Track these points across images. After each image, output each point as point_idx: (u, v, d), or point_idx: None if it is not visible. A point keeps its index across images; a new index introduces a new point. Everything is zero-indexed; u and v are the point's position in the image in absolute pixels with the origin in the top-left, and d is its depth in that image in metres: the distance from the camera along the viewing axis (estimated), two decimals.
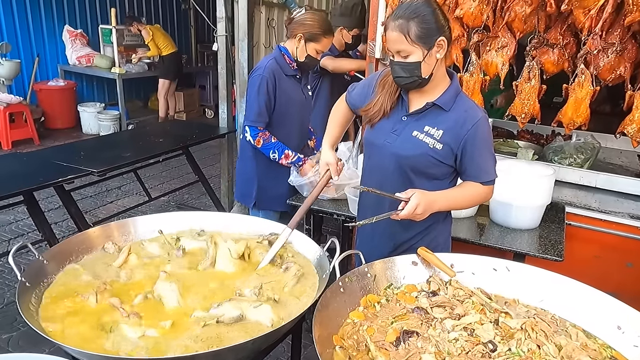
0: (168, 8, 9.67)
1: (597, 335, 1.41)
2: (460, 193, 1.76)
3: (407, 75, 1.63)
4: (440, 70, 1.67)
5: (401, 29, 1.57)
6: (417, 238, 1.84)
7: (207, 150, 6.34)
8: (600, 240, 2.57)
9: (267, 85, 2.55)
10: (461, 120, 1.67)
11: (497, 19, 2.50)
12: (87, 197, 5.05)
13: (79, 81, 8.11)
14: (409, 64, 1.61)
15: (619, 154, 3.51)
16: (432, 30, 1.57)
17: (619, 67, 2.34)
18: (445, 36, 1.60)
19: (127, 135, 5.75)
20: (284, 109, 2.65)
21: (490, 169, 1.73)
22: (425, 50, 1.58)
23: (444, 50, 1.61)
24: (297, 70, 2.71)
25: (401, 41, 1.58)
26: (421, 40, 1.57)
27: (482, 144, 1.69)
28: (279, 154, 2.64)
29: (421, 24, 1.56)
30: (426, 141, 1.70)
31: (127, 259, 1.68)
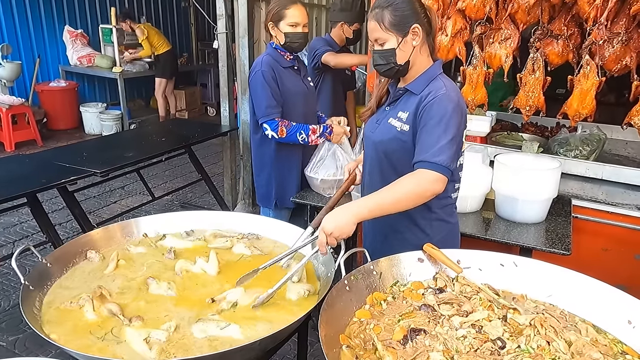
0: (168, 6, 9.64)
1: (608, 330, 1.39)
2: (387, 189, 1.55)
3: (384, 63, 1.67)
4: (419, 58, 1.67)
5: (376, 17, 1.63)
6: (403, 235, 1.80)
7: (209, 148, 6.33)
8: (607, 233, 2.55)
9: (268, 78, 2.56)
10: (424, 97, 1.63)
11: (500, 10, 2.47)
12: (90, 198, 5.05)
13: (81, 81, 8.11)
14: (385, 52, 1.65)
15: (625, 145, 3.47)
16: (405, 17, 1.61)
17: (624, 57, 2.31)
18: (421, 23, 1.62)
19: (130, 135, 5.74)
20: (288, 100, 2.65)
21: (435, 149, 1.53)
22: (399, 37, 1.62)
23: (419, 38, 1.63)
24: (293, 61, 2.69)
25: (377, 29, 1.64)
26: (395, 27, 1.61)
27: (434, 120, 1.57)
28: (305, 132, 2.59)
29: (394, 11, 1.61)
30: (396, 125, 1.70)
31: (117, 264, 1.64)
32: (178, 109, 8.46)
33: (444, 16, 2.57)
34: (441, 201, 1.75)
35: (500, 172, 2.35)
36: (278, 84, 2.60)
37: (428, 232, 1.78)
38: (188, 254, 1.75)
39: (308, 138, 2.60)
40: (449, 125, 1.56)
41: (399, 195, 1.53)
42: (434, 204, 1.72)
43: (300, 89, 2.71)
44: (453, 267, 1.58)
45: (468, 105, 2.71)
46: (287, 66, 2.65)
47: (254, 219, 1.99)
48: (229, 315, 1.41)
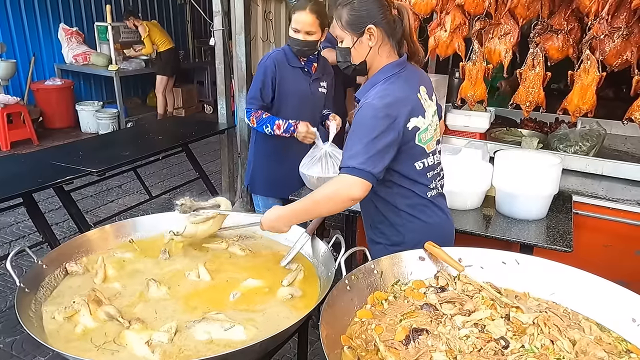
0: (164, 3, 9.59)
1: (611, 328, 1.38)
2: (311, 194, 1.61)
3: (342, 60, 1.67)
4: (377, 59, 1.63)
5: (336, 15, 1.64)
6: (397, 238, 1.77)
7: (206, 146, 6.29)
8: (608, 229, 2.53)
9: (266, 72, 2.61)
10: None
11: (499, 5, 2.45)
12: (87, 197, 5.01)
13: (76, 80, 8.06)
14: (343, 50, 1.66)
15: (625, 140, 3.46)
16: (361, 17, 1.59)
17: (625, 52, 2.29)
18: (378, 24, 1.58)
19: (126, 133, 5.71)
20: (284, 98, 2.66)
21: (351, 153, 1.52)
22: (354, 37, 1.61)
23: (375, 39, 1.59)
24: (309, 63, 2.70)
25: (335, 27, 1.66)
26: (350, 26, 1.61)
27: (352, 129, 1.57)
28: (270, 126, 2.62)
29: (351, 10, 1.60)
30: None
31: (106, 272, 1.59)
32: (175, 106, 8.42)
33: (443, 12, 2.54)
34: (408, 200, 1.72)
35: (500, 168, 2.33)
36: (276, 80, 2.62)
37: (400, 230, 1.76)
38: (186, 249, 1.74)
39: (272, 131, 2.62)
40: (365, 130, 1.53)
41: (317, 199, 1.57)
42: (399, 203, 1.72)
43: (302, 92, 2.69)
44: (454, 265, 1.57)
45: (467, 101, 2.69)
46: (296, 66, 2.65)
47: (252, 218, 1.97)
48: None
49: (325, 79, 2.80)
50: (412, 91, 1.64)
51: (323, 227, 3.98)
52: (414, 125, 1.61)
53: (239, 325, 1.33)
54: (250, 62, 4.39)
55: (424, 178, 1.71)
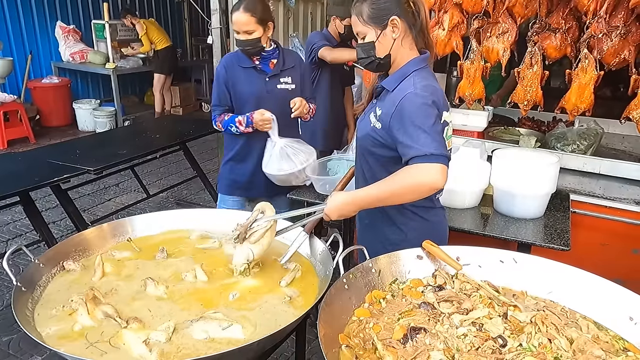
0: (161, 2, 9.57)
1: (609, 326, 1.38)
2: (385, 181, 1.55)
3: (365, 56, 1.66)
4: (401, 51, 1.64)
5: (356, 11, 1.64)
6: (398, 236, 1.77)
7: (204, 144, 6.28)
8: (605, 228, 2.54)
9: (218, 77, 2.64)
10: (394, 97, 1.62)
11: (498, 4, 2.45)
12: (84, 195, 5.00)
13: (73, 78, 8.03)
14: (366, 45, 1.64)
15: (622, 139, 3.47)
16: (383, 9, 1.59)
17: (623, 51, 2.30)
18: (401, 15, 1.59)
19: (124, 131, 5.70)
20: (240, 99, 2.65)
21: (415, 144, 1.49)
22: (378, 30, 1.61)
23: (399, 30, 1.60)
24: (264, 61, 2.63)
25: (357, 23, 1.64)
26: (373, 20, 1.61)
27: (407, 120, 1.54)
28: (234, 124, 2.60)
29: (372, 4, 1.60)
30: (371, 120, 1.70)
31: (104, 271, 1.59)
32: (172, 105, 8.40)
33: (441, 10, 2.54)
34: None
35: (498, 167, 2.33)
36: (229, 84, 2.62)
37: (402, 229, 1.77)
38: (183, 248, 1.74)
39: (237, 129, 2.61)
40: (420, 119, 1.52)
41: (396, 189, 1.52)
42: None
43: (258, 91, 2.63)
44: (452, 264, 1.57)
45: (465, 99, 2.69)
46: (248, 67, 2.61)
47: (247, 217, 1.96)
48: None
49: (289, 74, 2.68)
50: (439, 86, 1.66)
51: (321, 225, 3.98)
52: (444, 120, 1.61)
53: (237, 324, 1.33)
54: None
55: None
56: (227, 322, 1.31)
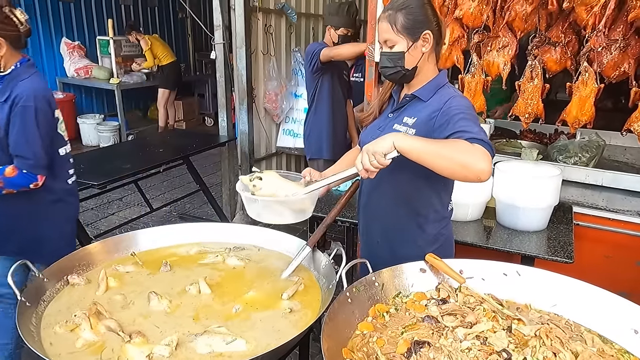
0: (165, 17, 9.69)
1: (614, 340, 1.37)
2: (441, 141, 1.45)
3: (392, 65, 1.65)
4: (426, 65, 1.67)
5: (389, 19, 1.62)
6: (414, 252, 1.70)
7: (207, 158, 6.31)
8: (609, 240, 2.54)
9: None
10: (434, 103, 1.61)
11: (497, 18, 2.47)
12: (88, 210, 5.02)
13: (78, 93, 8.11)
14: (394, 54, 1.63)
15: (624, 151, 3.47)
16: (418, 22, 1.60)
17: (622, 64, 2.31)
18: (432, 30, 1.61)
19: (128, 146, 5.72)
20: None
21: (472, 130, 1.43)
22: (410, 41, 1.61)
23: (429, 45, 1.62)
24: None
25: (388, 31, 1.62)
26: (407, 31, 1.60)
27: (458, 114, 1.50)
28: None
29: (408, 15, 1.60)
30: (400, 129, 1.67)
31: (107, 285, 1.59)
32: (176, 119, 8.47)
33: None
34: (439, 214, 1.76)
35: (501, 179, 2.34)
36: None
37: (420, 244, 1.75)
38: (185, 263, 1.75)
39: None
40: (471, 114, 1.51)
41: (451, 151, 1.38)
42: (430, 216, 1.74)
43: None
44: (456, 277, 1.57)
45: None
46: None
47: (253, 230, 1.97)
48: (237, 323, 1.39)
49: None
50: None
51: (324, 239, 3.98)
52: None
53: (241, 338, 1.32)
54: (251, 75, 4.44)
55: (451, 187, 1.78)
56: (230, 337, 1.31)
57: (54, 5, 7.64)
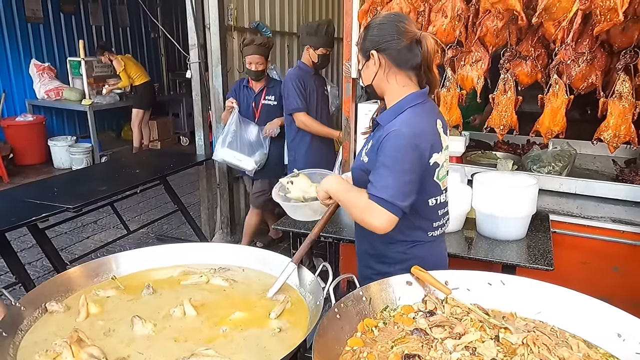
0: (137, 38, 9.63)
1: (598, 344, 1.40)
2: (354, 191, 1.64)
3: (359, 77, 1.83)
4: (388, 86, 1.65)
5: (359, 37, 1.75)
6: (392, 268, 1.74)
7: (184, 178, 6.24)
8: (585, 246, 2.60)
9: None
10: (382, 133, 1.61)
11: (470, 34, 2.54)
12: (61, 234, 4.88)
13: (49, 115, 7.94)
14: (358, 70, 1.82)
15: (594, 159, 3.59)
16: (370, 42, 1.63)
17: (590, 76, 2.40)
18: (382, 51, 1.60)
19: (102, 168, 5.62)
20: None
21: (378, 184, 1.53)
22: (363, 59, 1.69)
23: (377, 64, 1.61)
24: None
25: None
26: (361, 50, 1.69)
27: (381, 157, 1.56)
28: None
29: (365, 34, 1.67)
30: (362, 154, 1.75)
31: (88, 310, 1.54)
32: (151, 139, 8.37)
33: None
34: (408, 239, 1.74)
35: (479, 190, 2.38)
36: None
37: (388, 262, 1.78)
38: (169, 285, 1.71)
39: None
40: (393, 161, 1.53)
41: (352, 207, 1.62)
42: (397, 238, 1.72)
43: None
44: (442, 288, 1.58)
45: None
46: None
47: (236, 249, 1.95)
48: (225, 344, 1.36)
49: None
50: (433, 125, 1.63)
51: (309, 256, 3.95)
52: (435, 161, 1.61)
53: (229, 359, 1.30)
54: None
55: (434, 214, 1.74)
56: (220, 359, 1.29)
57: (22, 27, 7.51)
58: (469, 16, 2.49)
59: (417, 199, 1.60)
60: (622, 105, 2.30)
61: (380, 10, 2.58)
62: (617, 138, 2.36)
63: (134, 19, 9.44)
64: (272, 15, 5.01)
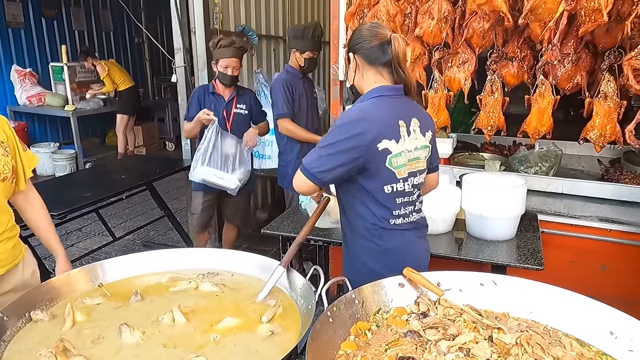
0: (121, 42, 9.52)
1: (591, 343, 1.40)
2: None
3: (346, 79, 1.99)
4: (363, 83, 1.79)
5: None
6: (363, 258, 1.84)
7: (170, 183, 6.17)
8: (573, 246, 2.62)
9: None
10: None
11: (456, 36, 2.56)
12: None
13: (30, 122, 7.80)
14: None
15: (579, 159, 3.63)
16: (348, 47, 1.82)
17: (575, 76, 2.43)
18: (356, 52, 1.76)
19: (86, 174, 5.53)
20: None
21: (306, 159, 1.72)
22: (348, 63, 1.84)
23: (355, 65, 1.78)
24: None
25: None
26: (346, 55, 1.92)
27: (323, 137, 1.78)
28: None
29: (347, 41, 1.95)
30: None
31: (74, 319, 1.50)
32: (136, 145, 8.27)
33: None
34: (368, 222, 1.79)
35: (468, 191, 2.38)
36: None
37: (355, 249, 1.85)
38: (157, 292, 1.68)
39: None
40: (329, 135, 1.70)
41: None
42: (359, 225, 1.80)
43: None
44: (434, 289, 1.57)
45: None
46: None
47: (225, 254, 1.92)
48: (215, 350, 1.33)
49: None
50: (393, 116, 1.72)
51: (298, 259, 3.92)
52: (385, 147, 1.68)
53: None
54: None
55: (391, 202, 1.76)
56: None
57: (2, 32, 7.37)
58: (456, 18, 2.50)
59: (372, 183, 1.72)
60: (608, 105, 2.32)
61: (367, 12, 2.58)
62: (603, 137, 2.39)
63: (118, 23, 9.33)
64: (258, 18, 4.99)
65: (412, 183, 1.79)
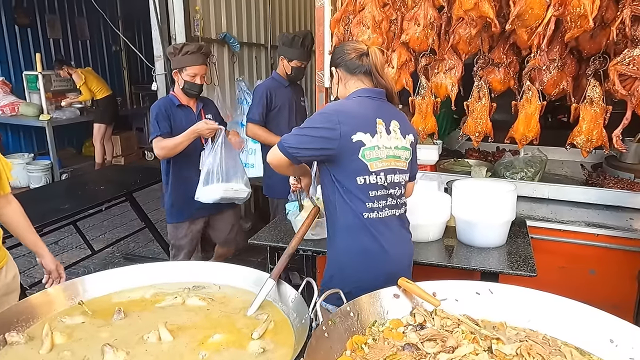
0: (98, 51, 9.36)
1: (591, 351, 1.37)
2: None
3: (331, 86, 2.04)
4: (345, 91, 1.89)
5: None
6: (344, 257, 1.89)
7: (150, 193, 6.02)
8: (561, 251, 2.62)
9: None
10: None
11: (443, 42, 2.55)
12: (19, 257, 4.59)
13: (4, 132, 7.58)
14: None
15: (562, 165, 3.66)
16: (330, 63, 1.96)
17: (561, 82, 2.44)
18: (337, 66, 1.89)
19: (63, 185, 5.37)
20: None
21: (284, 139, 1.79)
22: (331, 78, 1.96)
23: (337, 78, 1.91)
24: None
25: None
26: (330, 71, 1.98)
27: None
28: None
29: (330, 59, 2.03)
30: None
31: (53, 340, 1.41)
32: (114, 155, 8.10)
33: (389, 49, 2.61)
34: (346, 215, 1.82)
35: (458, 198, 2.36)
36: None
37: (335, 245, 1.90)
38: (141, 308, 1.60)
39: None
40: (307, 121, 1.83)
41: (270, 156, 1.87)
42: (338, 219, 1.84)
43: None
44: (430, 300, 1.53)
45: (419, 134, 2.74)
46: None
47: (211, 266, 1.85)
48: None
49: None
50: (371, 113, 1.79)
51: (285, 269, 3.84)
52: (359, 139, 1.73)
53: None
54: None
55: (364, 194, 1.78)
56: None
57: None
58: (442, 24, 2.50)
59: (345, 174, 1.77)
60: (594, 110, 2.33)
61: (352, 18, 2.55)
62: (589, 143, 2.40)
63: (95, 31, 9.17)
64: (239, 25, 4.95)
65: (389, 180, 1.81)
